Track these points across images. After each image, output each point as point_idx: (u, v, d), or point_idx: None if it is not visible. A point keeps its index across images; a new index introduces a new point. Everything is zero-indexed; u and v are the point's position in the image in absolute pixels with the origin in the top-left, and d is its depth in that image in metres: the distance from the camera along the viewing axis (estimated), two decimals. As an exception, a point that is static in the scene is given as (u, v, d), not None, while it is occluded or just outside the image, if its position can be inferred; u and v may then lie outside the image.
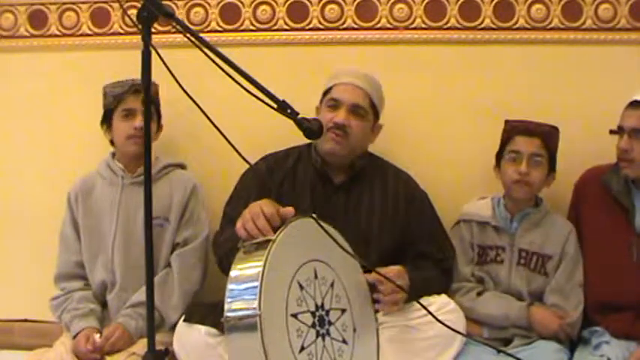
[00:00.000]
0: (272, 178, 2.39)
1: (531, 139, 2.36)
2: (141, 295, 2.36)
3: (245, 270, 1.86)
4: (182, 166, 2.63)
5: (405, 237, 2.41)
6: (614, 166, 2.38)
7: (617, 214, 2.35)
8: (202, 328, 2.17)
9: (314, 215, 2.01)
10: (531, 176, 2.35)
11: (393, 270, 2.19)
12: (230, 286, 1.85)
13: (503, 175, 2.42)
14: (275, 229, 1.94)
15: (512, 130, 2.41)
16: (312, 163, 2.42)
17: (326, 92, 2.42)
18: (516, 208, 2.43)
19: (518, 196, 2.40)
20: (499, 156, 2.45)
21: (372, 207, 2.40)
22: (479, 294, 2.37)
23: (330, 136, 2.33)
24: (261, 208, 1.99)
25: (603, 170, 2.42)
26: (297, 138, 2.39)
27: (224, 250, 2.24)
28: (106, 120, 2.53)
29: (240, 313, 1.80)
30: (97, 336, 2.34)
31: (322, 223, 2.00)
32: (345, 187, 2.41)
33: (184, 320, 2.25)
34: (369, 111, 2.40)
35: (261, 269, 1.81)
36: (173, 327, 2.31)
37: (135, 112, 2.47)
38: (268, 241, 1.88)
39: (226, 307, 1.83)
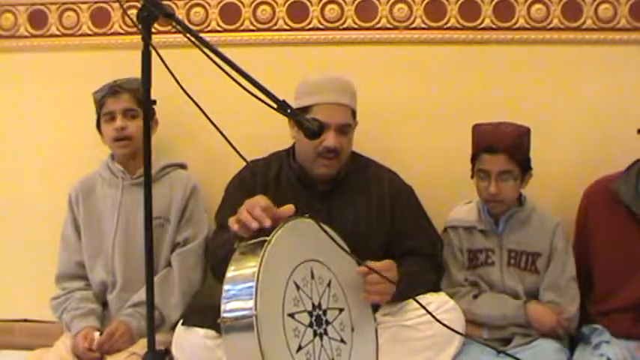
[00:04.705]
0: (256, 184, 2.36)
1: (496, 157, 2.30)
2: (141, 294, 2.36)
3: (241, 270, 1.85)
4: (182, 166, 2.64)
5: (392, 235, 2.39)
6: (623, 174, 2.38)
7: (626, 221, 2.34)
8: (200, 331, 2.16)
9: (311, 215, 2.00)
10: (502, 194, 2.32)
11: (382, 263, 2.16)
12: (226, 287, 1.84)
13: (477, 189, 2.40)
14: (270, 229, 1.93)
15: (478, 146, 2.37)
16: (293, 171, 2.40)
17: (304, 109, 2.25)
18: (501, 211, 2.42)
19: (494, 212, 2.41)
20: (474, 165, 2.41)
21: (358, 210, 2.38)
22: (475, 297, 2.37)
23: (321, 162, 2.30)
24: (258, 201, 1.96)
25: (612, 178, 2.41)
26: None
27: (218, 257, 2.22)
28: (98, 125, 2.55)
29: (237, 314, 1.79)
30: (96, 334, 2.34)
31: (320, 223, 1.99)
32: (329, 192, 2.38)
33: (182, 323, 2.23)
34: (352, 122, 2.36)
35: (256, 269, 1.80)
36: (173, 327, 2.30)
37: (114, 114, 2.48)
38: (264, 241, 1.88)
39: (222, 307, 1.82)
